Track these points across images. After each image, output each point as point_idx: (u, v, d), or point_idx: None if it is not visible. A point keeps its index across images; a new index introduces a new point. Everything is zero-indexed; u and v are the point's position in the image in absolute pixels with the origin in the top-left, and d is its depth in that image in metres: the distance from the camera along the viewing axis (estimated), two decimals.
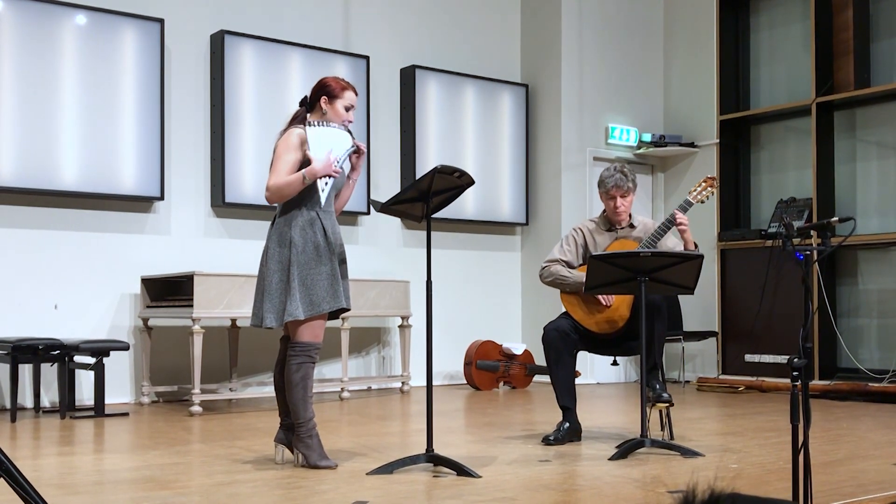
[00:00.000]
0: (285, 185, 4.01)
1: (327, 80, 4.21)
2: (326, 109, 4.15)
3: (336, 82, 4.19)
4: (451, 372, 8.58)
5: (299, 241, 4.02)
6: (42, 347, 6.02)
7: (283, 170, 4.03)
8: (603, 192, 4.99)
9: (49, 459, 4.51)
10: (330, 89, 4.16)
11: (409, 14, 8.60)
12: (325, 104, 4.15)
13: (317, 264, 4.03)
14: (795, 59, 8.62)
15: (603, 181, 4.98)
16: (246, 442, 4.93)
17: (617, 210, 4.96)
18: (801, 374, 2.87)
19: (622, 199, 4.94)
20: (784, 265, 7.99)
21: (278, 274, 4.04)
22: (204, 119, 7.43)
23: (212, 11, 7.48)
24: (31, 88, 6.57)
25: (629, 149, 9.28)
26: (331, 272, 4.06)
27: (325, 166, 4.01)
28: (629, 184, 4.94)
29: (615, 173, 4.94)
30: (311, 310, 4.01)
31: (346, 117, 4.18)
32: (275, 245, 4.08)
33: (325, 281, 4.03)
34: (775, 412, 6.35)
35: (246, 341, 7.29)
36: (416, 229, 8.45)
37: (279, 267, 4.05)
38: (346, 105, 4.17)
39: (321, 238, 4.06)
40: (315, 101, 4.18)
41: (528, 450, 4.60)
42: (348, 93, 4.18)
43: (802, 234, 3.27)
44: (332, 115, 4.15)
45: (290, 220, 4.07)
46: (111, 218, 6.99)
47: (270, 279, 4.05)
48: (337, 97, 4.15)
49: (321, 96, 4.16)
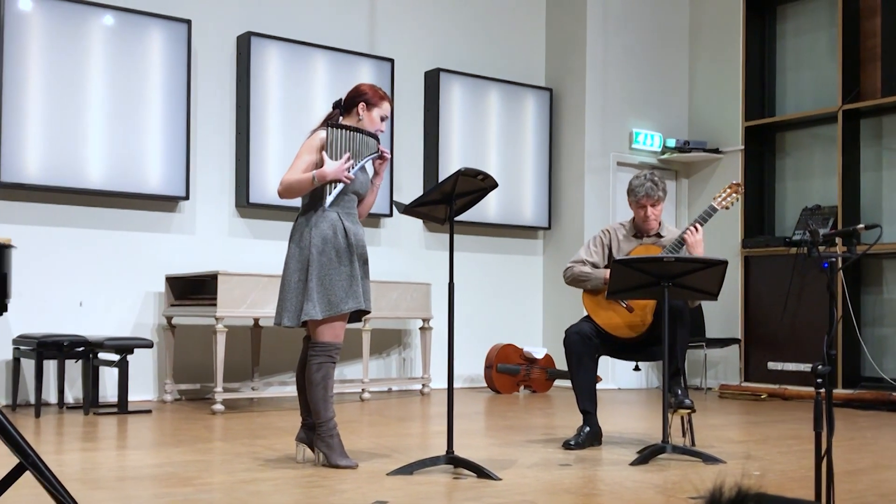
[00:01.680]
0: (295, 183, 4.05)
1: (365, 87, 4.25)
2: (363, 116, 4.19)
3: (374, 91, 4.23)
4: (471, 375, 8.58)
5: (318, 242, 4.04)
6: (67, 344, 6.08)
7: (298, 167, 4.08)
8: (633, 200, 4.94)
9: (72, 455, 4.55)
10: (369, 97, 4.20)
11: (433, 17, 8.61)
12: (363, 111, 4.19)
13: (336, 265, 4.04)
14: (822, 65, 8.57)
15: (633, 189, 4.92)
16: (267, 440, 4.96)
17: (647, 219, 4.92)
18: (825, 381, 2.85)
19: (652, 208, 4.90)
20: (808, 273, 7.94)
21: (297, 274, 4.07)
22: (230, 119, 7.48)
23: (238, 13, 7.53)
24: (58, 88, 6.63)
25: (653, 154, 9.25)
26: (350, 273, 4.07)
27: (336, 171, 4.02)
28: (660, 192, 4.90)
29: (646, 182, 4.88)
30: (330, 310, 4.02)
31: (380, 126, 4.24)
32: (294, 245, 4.11)
33: (345, 281, 4.05)
34: (798, 420, 6.31)
35: (268, 341, 7.33)
36: (438, 231, 8.46)
37: (298, 267, 4.07)
38: (382, 115, 4.23)
39: (342, 239, 4.07)
40: (352, 106, 4.22)
41: (548, 453, 4.60)
42: (385, 103, 4.24)
43: (827, 242, 3.25)
44: (367, 122, 4.19)
45: (311, 221, 4.09)
46: (137, 217, 7.04)
47: (290, 279, 4.08)
48: (375, 105, 4.20)
49: (359, 102, 4.20)
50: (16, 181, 6.45)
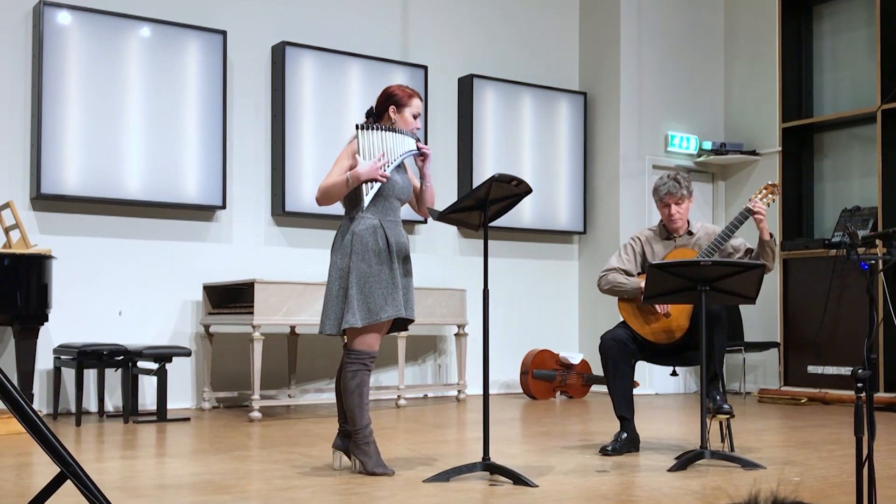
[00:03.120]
0: (331, 186, 4.03)
1: (392, 88, 4.21)
2: (395, 119, 4.14)
3: (402, 90, 4.18)
4: (507, 381, 8.56)
5: (360, 249, 4.03)
6: (107, 353, 6.15)
7: (335, 173, 4.06)
8: (657, 199, 4.96)
9: (112, 463, 4.60)
10: (397, 98, 4.15)
11: (466, 23, 8.62)
12: (394, 113, 4.15)
13: (377, 271, 4.02)
14: (860, 65, 8.46)
15: (656, 189, 4.95)
16: (304, 448, 4.98)
17: (672, 217, 4.91)
18: (865, 386, 2.81)
19: (676, 206, 4.89)
20: (848, 275, 7.84)
21: (338, 282, 4.06)
22: (265, 129, 7.53)
23: (273, 23, 7.59)
24: (96, 99, 6.73)
25: (689, 157, 9.18)
26: (391, 281, 4.05)
27: (369, 170, 3.97)
28: (683, 191, 4.89)
29: (668, 181, 4.90)
30: (370, 317, 4.01)
31: (415, 125, 4.17)
32: (336, 253, 4.10)
33: (385, 289, 4.03)
34: (839, 425, 6.22)
35: (304, 348, 7.36)
36: (472, 237, 8.46)
37: (339, 275, 4.07)
38: (414, 112, 4.17)
39: (383, 246, 4.05)
40: (383, 112, 4.17)
41: (585, 460, 4.58)
42: (415, 100, 4.18)
43: (867, 243, 3.20)
44: (401, 123, 4.14)
45: (352, 228, 4.07)
46: (174, 226, 7.12)
47: (331, 288, 4.08)
48: (405, 105, 4.15)
49: (389, 105, 4.15)
50: (56, 192, 6.55)
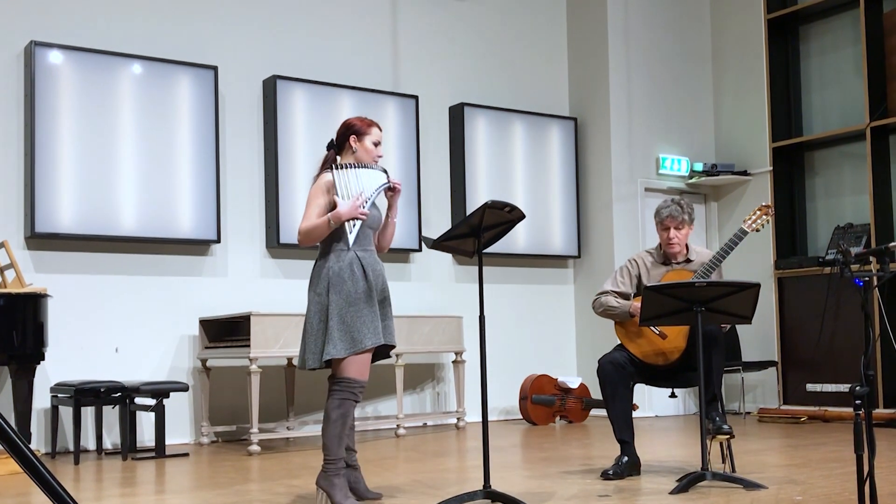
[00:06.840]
0: (313, 228, 4.09)
1: (351, 120, 4.32)
2: (356, 148, 4.22)
3: (360, 121, 4.29)
4: (506, 407, 8.54)
5: (337, 282, 4.03)
6: (104, 390, 6.13)
7: (312, 214, 4.10)
8: (657, 221, 4.99)
9: (111, 501, 4.57)
10: (357, 128, 4.25)
11: (456, 53, 8.68)
12: (355, 142, 4.23)
13: (356, 302, 4.02)
14: (847, 83, 8.53)
15: (658, 211, 4.99)
16: (303, 480, 4.95)
17: (670, 241, 4.93)
18: (863, 403, 2.82)
19: (676, 230, 4.91)
20: (843, 292, 7.85)
21: (318, 316, 4.06)
22: (258, 162, 7.56)
23: (264, 57, 7.63)
24: (89, 137, 6.74)
25: (681, 178, 9.22)
26: (371, 308, 4.05)
27: (350, 210, 4.05)
28: (684, 216, 4.91)
29: (671, 204, 4.94)
30: (353, 347, 3.99)
31: (376, 153, 4.26)
32: (313, 288, 4.11)
33: (366, 317, 4.03)
34: (840, 442, 6.21)
35: (302, 380, 7.34)
36: (467, 264, 8.47)
37: (318, 309, 4.06)
38: (375, 140, 4.26)
39: (359, 274, 4.07)
40: (343, 142, 4.26)
41: (586, 485, 4.56)
42: (374, 129, 4.28)
43: (861, 260, 3.22)
44: (362, 152, 4.22)
45: (329, 262, 4.10)
46: (169, 261, 7.12)
47: (311, 322, 4.08)
48: (365, 134, 4.24)
49: (349, 136, 4.24)
50: (50, 231, 6.55)
